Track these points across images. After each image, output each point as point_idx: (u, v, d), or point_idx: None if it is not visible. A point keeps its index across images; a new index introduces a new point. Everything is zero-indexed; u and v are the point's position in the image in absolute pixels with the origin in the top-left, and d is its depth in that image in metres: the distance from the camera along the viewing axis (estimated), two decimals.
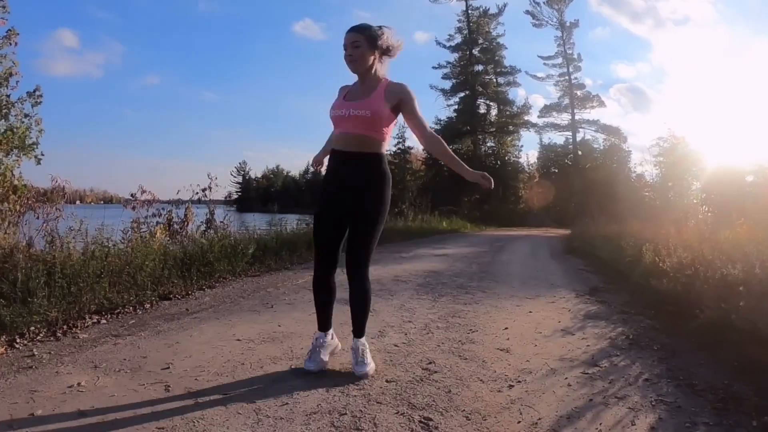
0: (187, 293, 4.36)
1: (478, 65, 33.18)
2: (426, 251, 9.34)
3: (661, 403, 2.19)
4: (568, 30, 31.81)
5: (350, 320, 2.58)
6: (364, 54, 2.38)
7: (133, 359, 2.60)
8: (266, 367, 2.50)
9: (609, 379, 2.47)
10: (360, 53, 2.37)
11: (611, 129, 30.45)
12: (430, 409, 2.04)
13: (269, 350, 2.78)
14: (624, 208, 11.77)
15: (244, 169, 71.55)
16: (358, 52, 2.37)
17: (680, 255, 3.93)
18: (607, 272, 6.53)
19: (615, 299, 4.62)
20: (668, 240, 4.71)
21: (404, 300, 4.37)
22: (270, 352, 2.75)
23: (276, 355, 2.69)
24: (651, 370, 2.62)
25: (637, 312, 4.03)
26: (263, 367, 2.49)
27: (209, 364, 2.51)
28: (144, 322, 3.44)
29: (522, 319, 3.76)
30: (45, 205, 5.09)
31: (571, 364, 2.69)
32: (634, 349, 3.02)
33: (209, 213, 6.27)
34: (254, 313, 3.73)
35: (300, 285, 5.01)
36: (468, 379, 2.40)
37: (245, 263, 5.55)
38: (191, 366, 2.48)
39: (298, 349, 2.80)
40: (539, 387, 2.34)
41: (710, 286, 3.37)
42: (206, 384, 2.26)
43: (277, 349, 2.80)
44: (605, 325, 3.60)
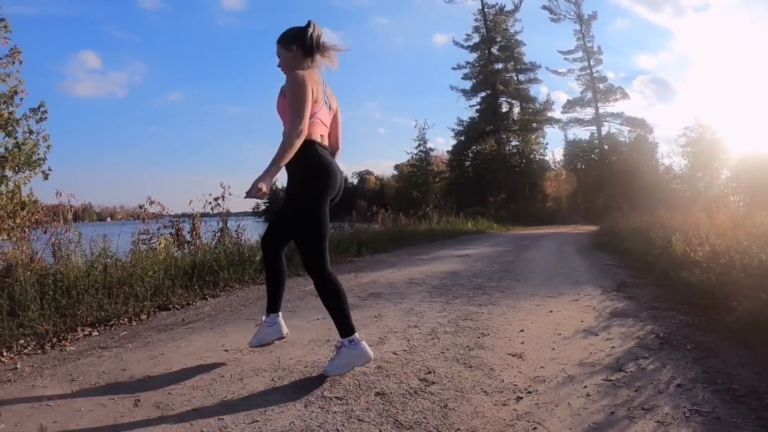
0: (188, 303, 4.22)
1: (498, 63, 32.65)
2: (447, 252, 9.06)
3: (696, 414, 1.86)
4: (586, 23, 31.00)
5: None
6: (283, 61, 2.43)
7: (111, 372, 2.45)
8: (246, 379, 2.29)
9: (635, 387, 2.15)
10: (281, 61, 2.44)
11: (636, 121, 29.42)
12: (419, 427, 1.77)
13: (255, 361, 2.57)
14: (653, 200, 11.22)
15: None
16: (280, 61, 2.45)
17: (713, 243, 3.54)
18: (636, 266, 6.11)
19: (644, 294, 4.25)
20: (699, 228, 4.30)
21: (414, 303, 4.10)
22: (255, 363, 2.54)
23: (260, 367, 2.46)
24: (684, 374, 2.29)
25: (668, 307, 3.66)
26: (242, 380, 2.28)
27: (187, 377, 2.33)
28: (136, 333, 3.29)
29: (541, 319, 3.45)
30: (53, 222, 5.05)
31: (592, 370, 2.37)
32: (665, 349, 2.68)
33: (222, 222, 6.14)
34: (251, 321, 3.52)
35: (307, 291, 4.79)
36: (469, 391, 2.12)
37: (254, 270, 5.37)
38: (169, 379, 2.31)
39: (286, 360, 2.58)
40: (552, 398, 2.04)
41: (747, 275, 3.00)
42: (178, 398, 2.07)
43: (263, 360, 2.58)
44: (633, 324, 3.26)
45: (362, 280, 5.55)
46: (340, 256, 7.86)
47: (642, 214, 9.23)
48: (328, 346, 2.84)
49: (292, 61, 2.40)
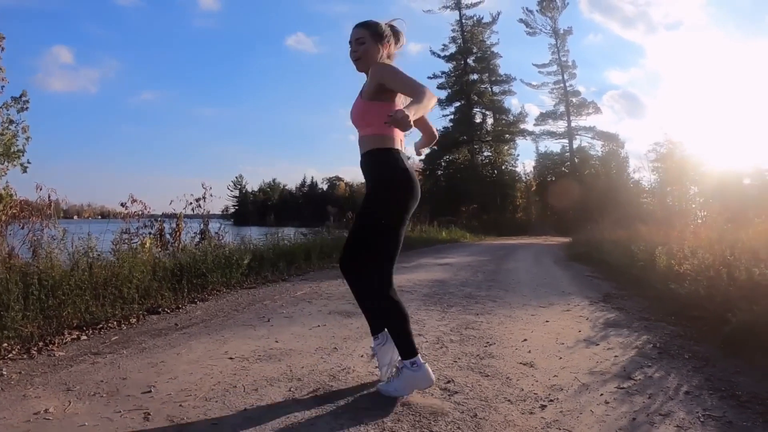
0: (177, 307, 4.07)
1: (473, 74, 33.26)
2: (428, 261, 9.09)
3: (710, 419, 1.94)
4: (561, 37, 31.97)
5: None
6: (368, 50, 2.20)
7: (111, 381, 2.30)
8: (261, 390, 2.20)
9: (647, 394, 2.21)
10: (364, 50, 2.21)
11: (608, 135, 30.45)
12: None
13: (265, 370, 2.48)
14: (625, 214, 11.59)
15: (241, 183, 71.94)
16: (363, 49, 2.21)
17: (701, 257, 3.68)
18: (617, 278, 6.29)
19: (631, 306, 4.38)
20: (683, 243, 4.46)
21: (412, 311, 4.04)
22: (266, 372, 2.46)
23: (272, 376, 2.39)
24: (689, 381, 2.38)
25: (658, 318, 3.79)
26: (258, 390, 2.19)
27: (196, 387, 2.21)
28: (128, 338, 3.14)
29: (540, 329, 3.50)
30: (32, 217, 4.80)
31: (603, 378, 2.42)
32: (665, 358, 2.77)
33: (203, 224, 5.98)
34: (249, 327, 3.43)
35: (299, 297, 4.72)
36: (494, 400, 2.12)
37: (240, 275, 5.25)
38: (176, 389, 2.18)
39: (297, 369, 2.51)
40: (574, 406, 2.06)
41: (735, 287, 3.13)
42: (192, 411, 1.96)
43: (274, 369, 2.50)
44: (628, 334, 3.35)
45: None
46: (323, 262, 7.79)
47: (617, 227, 9.51)
48: (336, 354, 2.79)
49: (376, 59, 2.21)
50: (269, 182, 75.51)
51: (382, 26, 2.25)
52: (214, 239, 5.84)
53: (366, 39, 2.20)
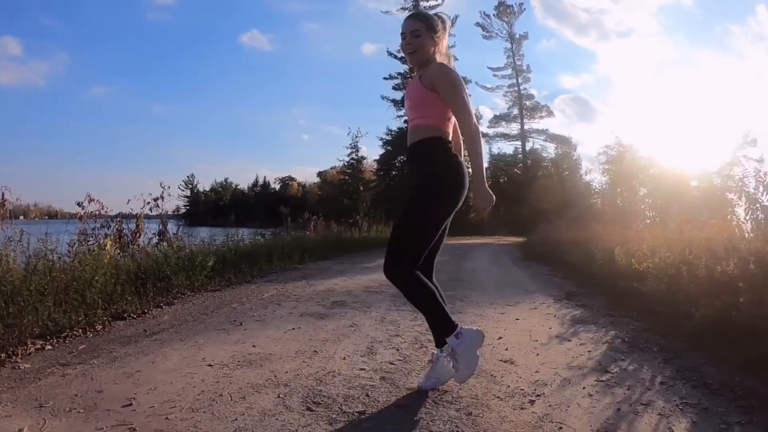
0: (143, 311, 3.89)
1: None
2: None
3: (687, 406, 2.06)
4: (517, 42, 33.06)
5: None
6: (424, 44, 2.19)
7: (86, 395, 2.15)
8: (249, 398, 2.12)
9: (626, 385, 2.31)
10: (420, 43, 2.18)
11: (560, 138, 31.71)
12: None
13: (248, 376, 2.40)
14: (578, 215, 12.06)
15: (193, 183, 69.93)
16: (418, 42, 2.18)
17: (662, 256, 3.89)
18: (576, 277, 6.51)
19: (594, 303, 4.55)
20: (641, 242, 4.70)
21: (383, 312, 4.09)
22: (250, 378, 2.38)
23: (258, 383, 2.31)
24: (662, 373, 2.50)
25: (622, 314, 3.96)
26: (246, 399, 2.11)
27: (180, 398, 2.11)
28: (96, 346, 2.96)
29: (512, 327, 3.58)
30: None
31: (582, 372, 2.52)
32: (635, 352, 2.90)
33: (161, 225, 5.73)
34: (222, 332, 3.32)
35: (267, 299, 4.62)
36: (484, 398, 2.15)
37: (204, 277, 5.08)
38: (158, 401, 2.07)
39: (282, 374, 2.45)
40: (561, 400, 2.13)
41: (696, 285, 3.32)
42: (180, 424, 1.86)
43: (258, 375, 2.42)
44: (596, 330, 3.49)
45: (318, 288, 5.45)
46: (284, 263, 7.67)
47: (571, 227, 9.88)
48: (318, 357, 2.75)
49: (431, 52, 2.20)
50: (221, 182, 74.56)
51: (435, 19, 2.23)
52: (175, 240, 5.60)
53: (422, 32, 2.17)
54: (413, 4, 32.68)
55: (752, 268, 2.73)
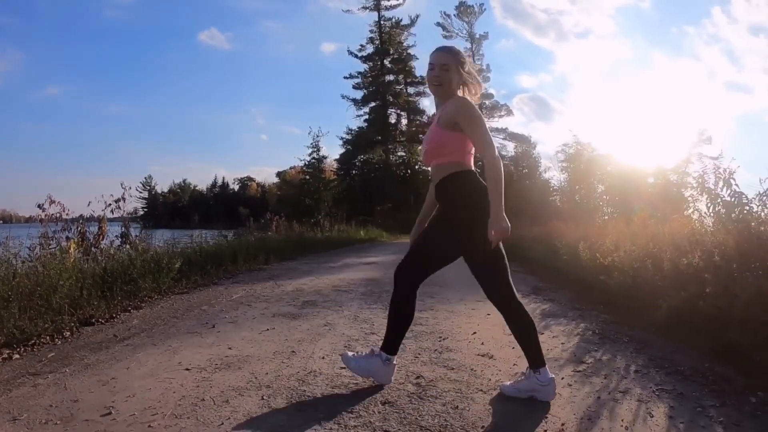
0: (111, 316, 3.74)
1: (389, 75, 33.77)
2: (353, 260, 9.13)
3: (664, 392, 2.16)
4: (477, 42, 33.60)
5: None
6: (452, 79, 2.18)
7: (61, 405, 2.04)
8: (233, 401, 2.06)
9: (603, 375, 2.41)
10: (448, 78, 2.18)
11: (520, 137, 32.45)
12: (448, 431, 1.78)
13: (228, 379, 2.34)
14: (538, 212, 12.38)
15: (150, 184, 67.86)
16: (447, 77, 2.18)
17: (628, 250, 4.05)
18: (540, 272, 6.71)
19: (561, 297, 4.70)
20: (605, 237, 4.87)
21: (355, 310, 4.08)
22: (230, 381, 2.31)
23: (239, 386, 2.25)
24: (635, 362, 2.62)
25: (589, 307, 4.11)
26: (229, 402, 2.05)
27: (161, 404, 2.02)
28: (66, 354, 2.82)
29: (484, 322, 3.64)
30: None
31: (559, 364, 2.59)
32: (607, 342, 3.01)
33: (124, 227, 5.50)
34: (195, 335, 3.22)
35: (236, 301, 4.51)
36: (467, 392, 2.18)
37: (171, 279, 4.91)
38: (138, 408, 1.98)
39: (262, 376, 2.40)
40: None
41: (661, 277, 3.47)
42: (165, 431, 1.79)
43: (238, 378, 2.36)
44: (567, 323, 3.60)
45: (286, 288, 5.37)
46: (249, 264, 7.52)
47: (532, 224, 10.12)
48: (297, 358, 2.71)
49: (455, 87, 2.19)
50: (179, 183, 73.19)
51: (464, 55, 2.23)
52: (140, 242, 5.38)
53: (450, 66, 2.17)
54: (374, 4, 32.78)
55: (717, 260, 2.87)
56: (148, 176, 68.85)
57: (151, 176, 69.53)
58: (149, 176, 69.10)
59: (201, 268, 5.90)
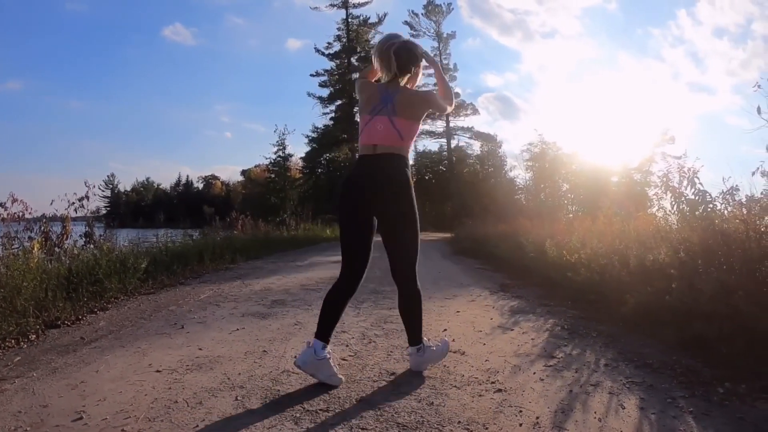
0: (77, 318, 3.60)
1: (357, 73, 33.60)
2: (321, 259, 9.09)
3: (634, 385, 2.25)
4: (444, 41, 33.86)
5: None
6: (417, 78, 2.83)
7: (30, 411, 1.95)
8: (206, 402, 2.02)
9: (573, 369, 2.48)
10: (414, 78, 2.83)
11: (485, 135, 32.91)
12: (425, 427, 1.80)
13: (201, 381, 2.30)
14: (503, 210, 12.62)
15: (113, 183, 65.75)
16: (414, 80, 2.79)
17: (594, 247, 4.18)
18: (507, 269, 6.84)
19: (529, 293, 4.80)
20: (571, 235, 5.01)
21: None
22: (203, 382, 2.27)
23: (212, 387, 2.21)
24: (604, 355, 2.70)
25: (557, 304, 4.22)
26: (203, 404, 2.01)
27: (133, 408, 1.96)
28: (32, 357, 2.71)
29: (454, 319, 3.69)
30: None
31: (530, 359, 2.65)
32: (576, 337, 3.10)
33: (87, 226, 5.28)
34: (164, 336, 3.14)
35: (204, 301, 4.42)
36: (441, 387, 2.21)
37: (137, 280, 4.76)
38: (110, 412, 1.92)
39: (235, 376, 2.36)
40: (515, 385, 2.24)
41: (627, 273, 3.60)
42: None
43: (210, 379, 2.32)
44: (535, 319, 3.68)
45: (254, 287, 5.30)
46: (216, 263, 7.37)
47: (498, 222, 10.34)
48: (269, 357, 2.68)
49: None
50: (143, 181, 72.03)
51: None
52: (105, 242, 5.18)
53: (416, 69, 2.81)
54: (342, 2, 32.59)
55: (682, 256, 3.00)
56: (111, 174, 67.28)
57: (114, 174, 67.93)
58: (112, 174, 67.59)
59: (167, 268, 5.75)
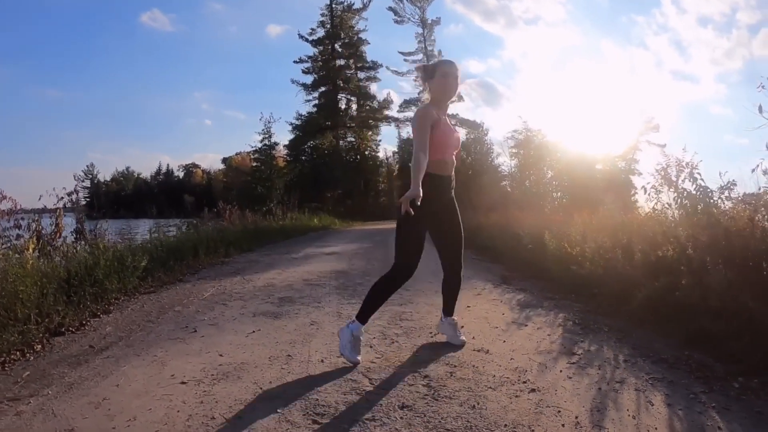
0: (81, 323, 3.45)
1: (340, 60, 33.31)
2: (314, 250, 9.02)
3: (656, 381, 2.31)
4: (429, 27, 33.65)
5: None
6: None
7: None
8: (246, 416, 1.98)
9: (596, 365, 2.54)
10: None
11: (470, 122, 32.91)
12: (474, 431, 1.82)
13: (232, 392, 2.24)
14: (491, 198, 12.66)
15: (92, 173, 64.36)
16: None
17: (599, 240, 4.25)
18: (504, 261, 6.84)
19: (531, 287, 4.83)
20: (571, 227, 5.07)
21: (336, 306, 4.04)
22: (235, 394, 2.21)
23: (246, 398, 2.16)
24: (621, 351, 2.76)
25: (562, 297, 4.26)
26: (242, 418, 1.97)
27: (168, 427, 1.90)
28: (43, 371, 2.57)
29: (468, 315, 3.71)
30: None
31: (552, 356, 2.70)
32: (589, 333, 3.16)
33: (78, 222, 5.10)
34: (178, 341, 3.07)
35: (210, 300, 4.34)
36: (477, 389, 2.24)
37: (136, 279, 4.63)
38: None
39: (267, 385, 2.32)
40: (546, 385, 2.28)
41: (632, 267, 3.66)
42: None
43: (243, 390, 2.26)
44: (545, 313, 3.72)
45: (257, 284, 5.23)
46: (210, 257, 7.25)
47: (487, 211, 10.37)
48: (295, 362, 2.65)
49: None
50: (123, 171, 71.42)
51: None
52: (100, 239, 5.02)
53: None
54: None
55: (690, 253, 3.07)
56: (90, 164, 66.06)
57: (93, 165, 66.74)
58: (91, 164, 66.26)
59: (163, 265, 5.62)
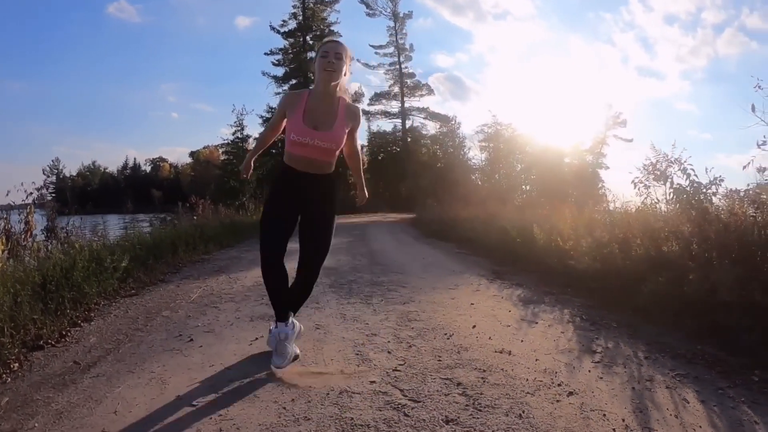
0: (60, 334, 3.08)
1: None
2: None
3: (681, 377, 2.32)
4: (401, 21, 33.49)
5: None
6: (342, 68, 2.46)
7: None
8: None
9: (621, 364, 2.54)
10: (340, 66, 2.45)
11: (440, 116, 33.12)
12: None
13: (254, 415, 1.99)
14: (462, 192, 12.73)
15: (58, 168, 62.39)
16: (340, 65, 2.45)
17: (597, 235, 4.26)
18: (490, 254, 6.84)
19: (526, 281, 4.82)
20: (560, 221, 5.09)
21: (335, 308, 3.87)
22: (257, 418, 1.97)
23: (272, 422, 1.93)
24: (639, 348, 2.77)
25: (559, 292, 4.27)
26: None
27: None
28: (24, 397, 2.21)
29: (475, 313, 3.62)
30: None
31: (574, 356, 2.67)
32: (600, 329, 3.16)
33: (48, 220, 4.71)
34: (176, 353, 2.79)
35: (199, 303, 4.08)
36: (515, 395, 2.16)
37: (116, 281, 4.29)
38: None
39: (289, 404, 2.09)
40: (581, 387, 2.24)
41: (632, 262, 3.69)
42: None
43: (264, 412, 2.02)
44: (550, 309, 3.70)
45: (244, 283, 4.99)
46: (190, 254, 6.89)
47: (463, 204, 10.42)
48: (312, 373, 2.47)
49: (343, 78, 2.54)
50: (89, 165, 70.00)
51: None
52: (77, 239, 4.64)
53: (343, 57, 2.46)
54: None
55: (695, 248, 3.09)
56: (56, 159, 64.24)
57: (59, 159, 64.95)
58: (56, 159, 64.43)
59: (143, 264, 5.27)
